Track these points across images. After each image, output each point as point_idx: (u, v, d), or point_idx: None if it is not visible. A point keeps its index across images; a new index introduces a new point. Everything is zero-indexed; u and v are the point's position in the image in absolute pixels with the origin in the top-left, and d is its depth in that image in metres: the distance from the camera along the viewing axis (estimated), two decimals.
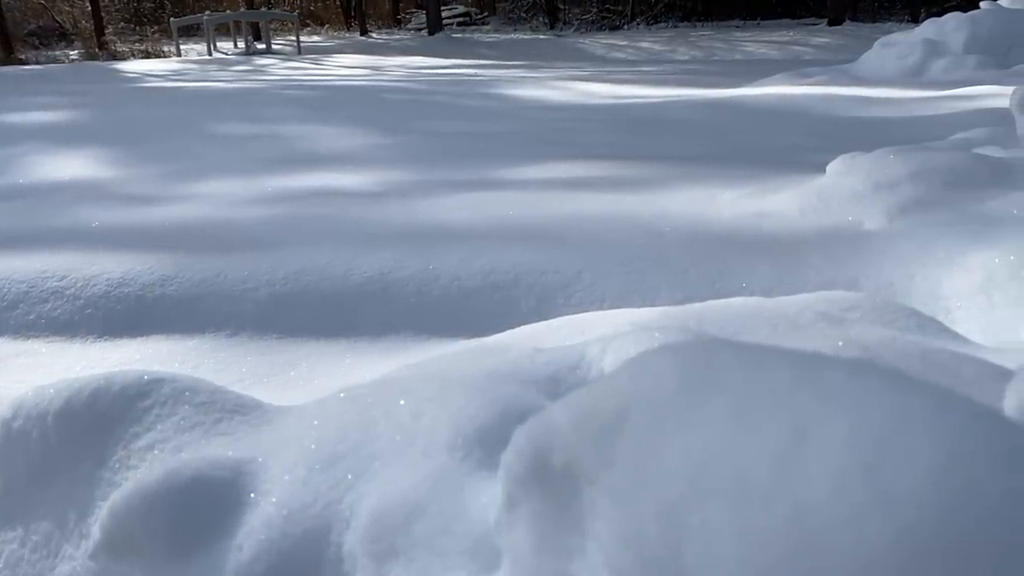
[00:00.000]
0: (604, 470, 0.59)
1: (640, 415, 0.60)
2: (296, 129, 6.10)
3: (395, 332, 2.18)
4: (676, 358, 0.63)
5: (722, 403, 0.56)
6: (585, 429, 0.62)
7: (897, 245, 2.16)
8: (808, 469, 0.49)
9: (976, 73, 7.76)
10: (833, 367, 0.56)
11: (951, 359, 1.07)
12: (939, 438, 0.47)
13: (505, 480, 0.68)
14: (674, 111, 6.52)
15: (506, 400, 1.00)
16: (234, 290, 2.33)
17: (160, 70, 13.62)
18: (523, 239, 2.65)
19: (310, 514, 0.92)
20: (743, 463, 0.51)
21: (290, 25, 18.96)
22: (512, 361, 1.22)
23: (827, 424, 0.51)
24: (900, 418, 0.49)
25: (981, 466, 0.45)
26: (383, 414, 1.09)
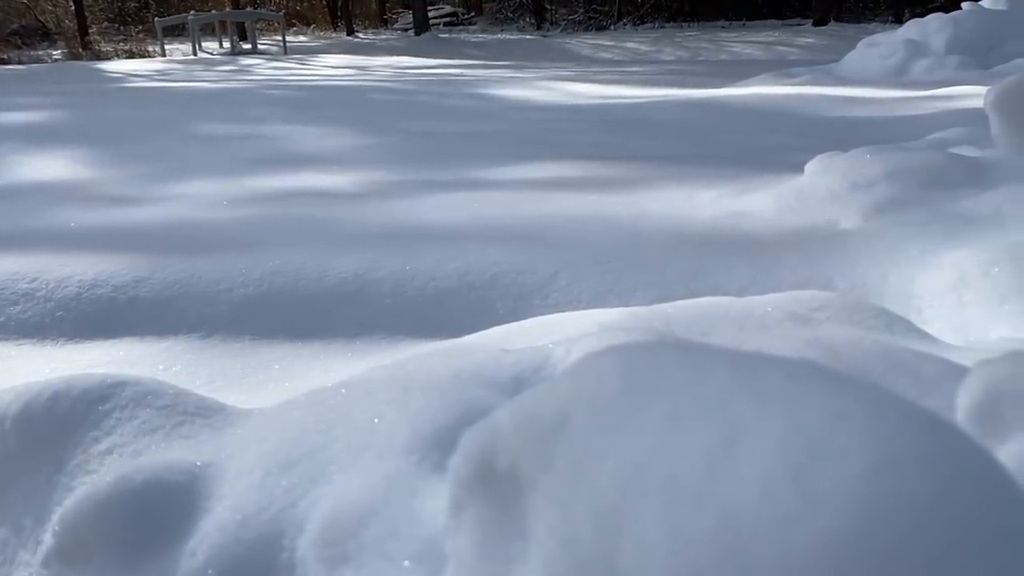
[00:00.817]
0: (543, 474, 0.59)
1: (580, 418, 0.59)
2: (279, 129, 6.07)
3: (370, 333, 2.16)
4: (619, 361, 0.62)
5: (660, 406, 0.56)
6: (527, 432, 0.61)
7: (871, 244, 2.17)
8: (738, 473, 0.48)
9: (957, 73, 7.81)
10: (773, 368, 0.56)
11: (913, 358, 1.07)
12: (872, 441, 0.47)
13: (452, 484, 0.68)
14: (658, 111, 6.53)
15: (467, 402, 0.99)
16: (208, 291, 2.31)
17: (144, 70, 13.52)
18: (501, 239, 2.64)
19: (264, 519, 0.90)
20: (676, 467, 0.50)
21: (276, 25, 18.87)
22: (478, 362, 1.21)
23: (760, 427, 0.50)
24: (834, 421, 0.49)
25: (911, 470, 0.45)
26: (343, 417, 1.07)
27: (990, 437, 0.74)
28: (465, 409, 0.97)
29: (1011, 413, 0.72)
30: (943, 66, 8.19)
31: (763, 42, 15.95)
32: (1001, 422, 0.73)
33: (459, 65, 13.70)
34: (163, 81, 11.10)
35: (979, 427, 0.74)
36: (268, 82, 10.68)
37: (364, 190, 3.72)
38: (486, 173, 4.03)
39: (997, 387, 0.72)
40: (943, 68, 8.14)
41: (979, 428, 0.74)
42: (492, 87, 9.04)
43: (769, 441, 0.49)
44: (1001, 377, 0.72)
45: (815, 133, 4.90)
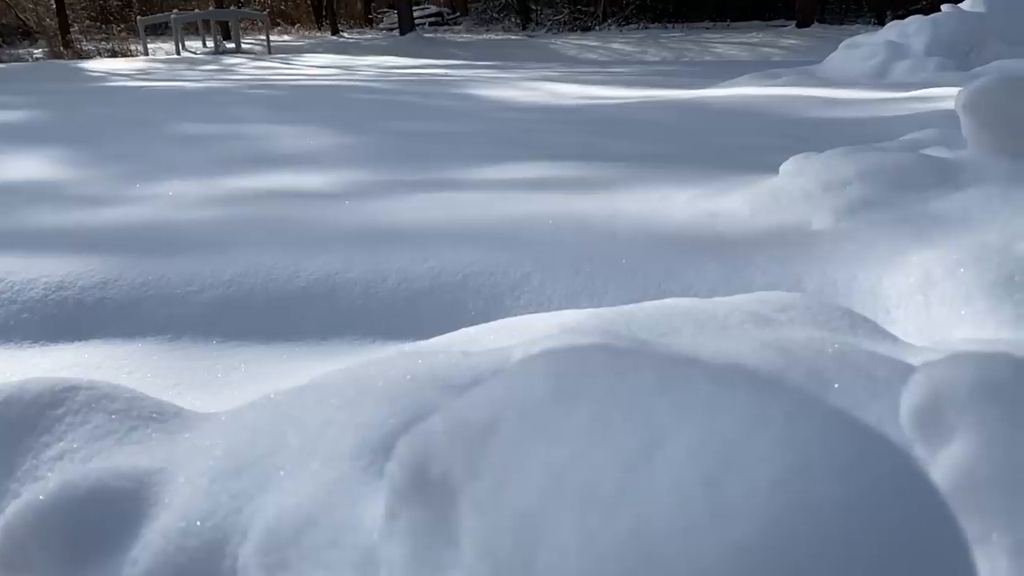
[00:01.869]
0: (470, 481, 0.57)
1: (509, 424, 0.58)
2: (259, 129, 6.02)
3: (340, 335, 2.15)
4: (550, 366, 0.61)
5: (585, 412, 0.55)
6: (457, 439, 0.60)
7: (842, 245, 2.18)
8: (654, 481, 0.47)
9: (937, 75, 7.88)
10: (698, 374, 0.55)
11: (868, 360, 1.07)
12: (786, 449, 0.46)
13: (387, 492, 0.66)
14: (640, 112, 6.54)
15: (418, 406, 0.98)
16: (177, 293, 2.29)
17: (126, 69, 13.40)
18: (475, 240, 2.63)
19: (208, 526, 0.89)
20: (594, 474, 0.49)
21: (260, 24, 18.76)
22: (436, 365, 1.20)
23: (678, 434, 0.49)
24: (751, 427, 0.48)
25: (822, 478, 0.44)
26: (296, 422, 1.06)
27: (932, 439, 0.73)
28: (416, 413, 0.96)
29: (952, 415, 0.71)
30: (923, 68, 8.26)
31: (747, 43, 16.03)
32: (943, 424, 0.72)
33: (443, 65, 13.67)
34: (144, 80, 11.01)
35: (922, 429, 0.74)
36: (250, 82, 10.62)
37: (340, 190, 3.70)
38: (464, 173, 4.02)
39: (939, 389, 0.72)
40: (923, 70, 8.20)
41: (922, 430, 0.74)
42: (475, 87, 9.02)
43: (685, 448, 0.48)
44: (943, 379, 0.72)
45: (794, 134, 4.92)
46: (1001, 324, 1.61)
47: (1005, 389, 0.69)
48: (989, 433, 0.68)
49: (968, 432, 0.70)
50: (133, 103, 8.00)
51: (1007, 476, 0.66)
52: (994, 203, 2.11)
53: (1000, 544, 0.65)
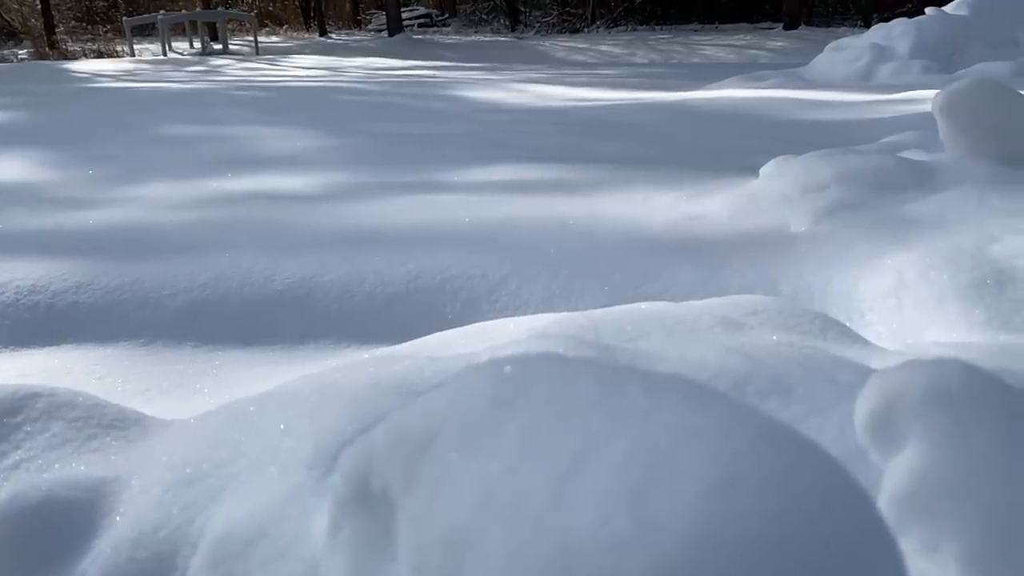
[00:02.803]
0: (407, 495, 0.56)
1: (447, 437, 0.57)
2: (243, 130, 5.99)
3: (315, 340, 2.13)
4: (491, 376, 0.60)
5: (521, 423, 0.54)
6: (396, 451, 0.59)
7: (818, 248, 2.18)
8: (581, 495, 0.46)
9: (921, 77, 7.92)
10: (636, 383, 0.54)
11: (832, 365, 1.06)
12: (715, 461, 0.45)
13: (330, 504, 0.65)
14: (626, 114, 6.54)
15: (377, 414, 0.97)
16: (151, 297, 2.26)
17: (111, 70, 13.31)
18: (453, 243, 2.61)
19: (160, 537, 0.87)
20: (524, 488, 0.48)
21: (248, 25, 18.68)
22: (402, 371, 1.19)
23: (609, 445, 0.48)
24: (683, 439, 0.47)
25: (749, 491, 0.43)
26: (255, 429, 1.05)
27: (885, 446, 0.73)
28: (374, 421, 0.95)
29: (904, 422, 0.71)
30: (907, 70, 8.30)
31: (734, 45, 16.08)
32: (895, 431, 0.72)
33: (432, 67, 13.64)
34: (130, 81, 10.94)
35: (875, 436, 0.73)
36: (237, 83, 10.57)
37: (321, 192, 3.68)
38: (446, 175, 4.01)
39: (891, 396, 0.72)
40: (907, 72, 8.25)
41: (875, 437, 0.73)
42: (462, 89, 9.01)
43: (615, 462, 0.47)
44: (895, 386, 0.72)
45: (778, 136, 4.93)
46: (972, 327, 1.62)
47: (956, 396, 0.69)
48: (939, 440, 0.68)
49: (919, 439, 0.69)
50: (117, 104, 7.94)
51: (957, 483, 0.66)
52: (969, 206, 2.12)
53: (950, 552, 0.65)
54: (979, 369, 0.72)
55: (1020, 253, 1.73)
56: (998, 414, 0.68)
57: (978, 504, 0.65)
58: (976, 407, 0.68)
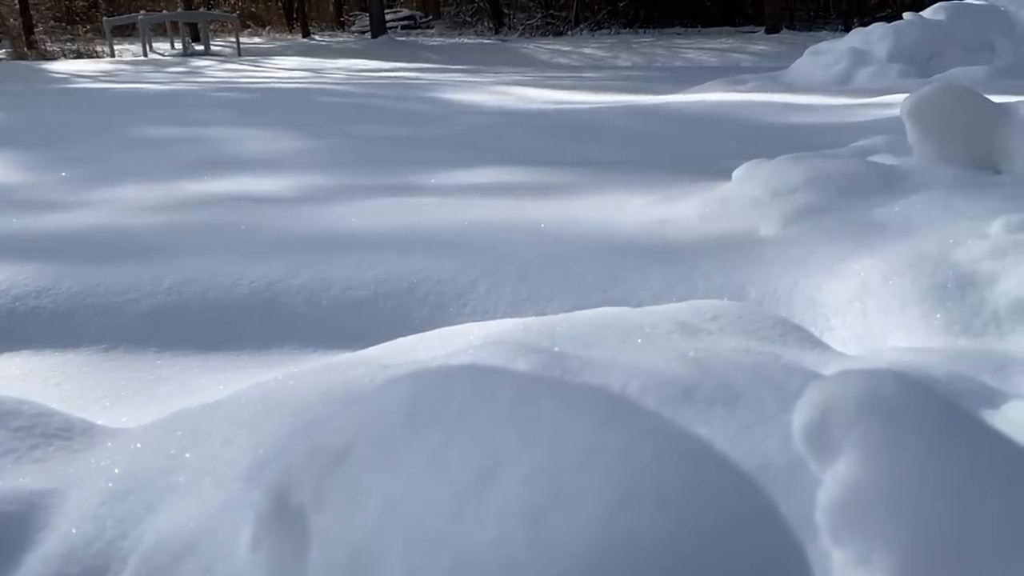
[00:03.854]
0: (318, 511, 0.55)
1: (360, 452, 0.55)
2: (222, 132, 5.94)
3: (280, 345, 2.10)
4: (410, 389, 0.58)
5: (432, 439, 0.52)
6: (311, 467, 0.58)
7: (786, 252, 2.18)
8: (481, 514, 0.45)
9: (898, 81, 7.99)
10: (548, 398, 0.53)
11: (782, 371, 1.06)
12: (618, 479, 0.44)
13: (252, 519, 0.64)
14: (606, 117, 6.55)
15: (319, 424, 0.95)
16: (113, 302, 2.23)
17: (90, 71, 13.18)
18: (424, 246, 2.60)
19: (91, 552, 0.85)
20: (427, 505, 0.47)
21: (230, 26, 18.56)
22: (352, 379, 1.17)
23: (514, 463, 0.47)
24: (588, 456, 0.46)
25: (647, 510, 0.42)
26: (200, 439, 1.03)
27: (822, 457, 0.72)
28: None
29: (839, 433, 0.70)
30: (885, 74, 8.37)
31: (717, 48, 16.16)
32: (830, 442, 0.71)
33: (415, 68, 13.61)
34: (109, 82, 10.83)
35: (812, 447, 0.73)
36: (218, 84, 10.49)
37: (296, 195, 3.65)
38: (423, 178, 3.99)
39: (826, 406, 0.71)
40: (885, 76, 8.32)
41: (812, 448, 0.73)
42: (444, 91, 8.99)
43: (518, 480, 0.46)
44: (830, 396, 0.71)
45: (755, 139, 4.95)
46: (933, 332, 1.62)
47: (890, 406, 0.68)
48: (872, 451, 0.67)
49: (852, 451, 0.68)
50: (95, 105, 7.86)
51: (889, 495, 0.65)
52: (934, 210, 2.13)
53: (881, 565, 0.64)
54: (914, 379, 0.72)
55: (982, 257, 1.74)
56: (931, 425, 0.67)
57: (909, 516, 0.64)
58: (909, 418, 0.67)
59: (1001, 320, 1.58)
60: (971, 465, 0.66)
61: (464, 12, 21.90)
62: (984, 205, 2.08)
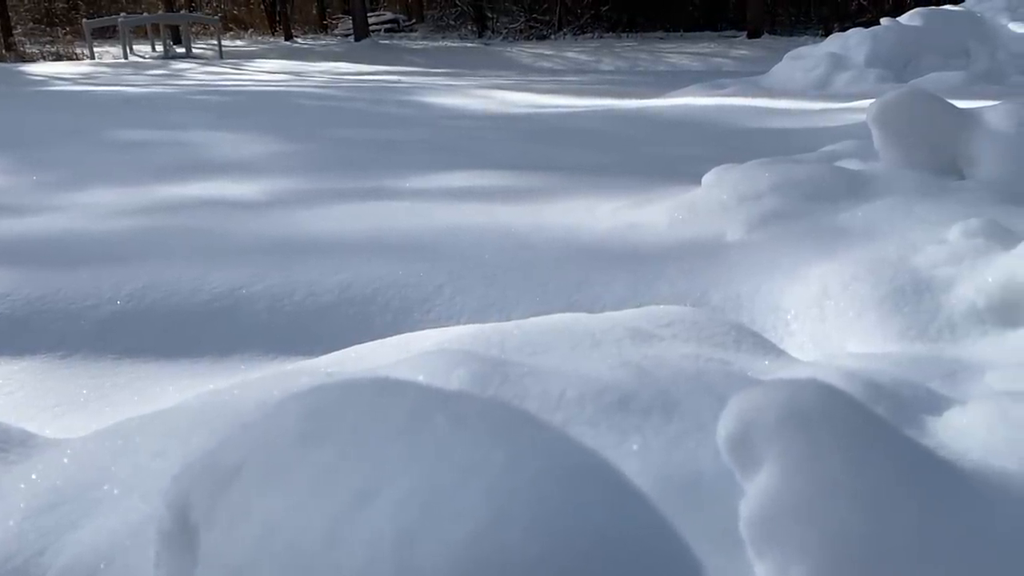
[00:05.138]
0: (207, 530, 0.53)
1: (251, 469, 0.54)
2: (198, 136, 5.90)
3: (241, 351, 2.08)
4: (305, 407, 0.57)
5: (322, 457, 0.51)
6: (205, 484, 0.56)
7: (750, 257, 2.18)
8: (355, 535, 0.44)
9: (876, 86, 8.04)
10: (447, 414, 0.51)
11: (725, 380, 1.05)
12: (493, 499, 0.43)
13: (155, 537, 0.62)
14: (586, 121, 6.56)
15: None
16: (72, 308, 2.20)
17: (69, 73, 13.05)
18: (392, 251, 2.58)
19: (9, 568, 0.83)
20: (304, 527, 0.46)
21: (212, 29, 18.45)
22: (295, 388, 1.15)
23: (396, 482, 0.46)
24: (468, 475, 0.45)
25: (517, 532, 0.41)
26: (133, 451, 1.01)
27: (745, 468, 0.71)
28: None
29: (761, 445, 0.69)
30: (863, 79, 8.44)
31: (699, 53, 16.24)
32: (752, 454, 0.70)
33: (397, 72, 13.57)
34: (87, 85, 10.73)
35: (736, 458, 0.72)
36: (198, 87, 10.43)
37: (267, 199, 3.62)
38: (397, 182, 3.97)
39: (748, 418, 0.70)
40: (863, 81, 8.38)
41: (736, 459, 0.72)
42: (426, 95, 8.96)
43: (396, 500, 0.45)
44: (752, 408, 0.70)
45: (731, 144, 4.97)
46: (888, 337, 1.62)
47: (810, 418, 0.67)
48: (792, 463, 0.66)
49: (773, 462, 0.68)
50: (73, 108, 7.78)
51: (806, 507, 0.65)
52: (896, 215, 2.14)
53: None
54: (836, 390, 0.71)
55: (939, 263, 1.74)
56: (850, 436, 0.67)
57: (825, 527, 0.63)
58: (828, 429, 0.67)
59: (956, 325, 1.59)
60: (888, 476, 0.65)
61: (447, 15, 21.88)
62: (945, 210, 2.09)
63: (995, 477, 0.79)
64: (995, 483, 0.76)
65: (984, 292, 1.60)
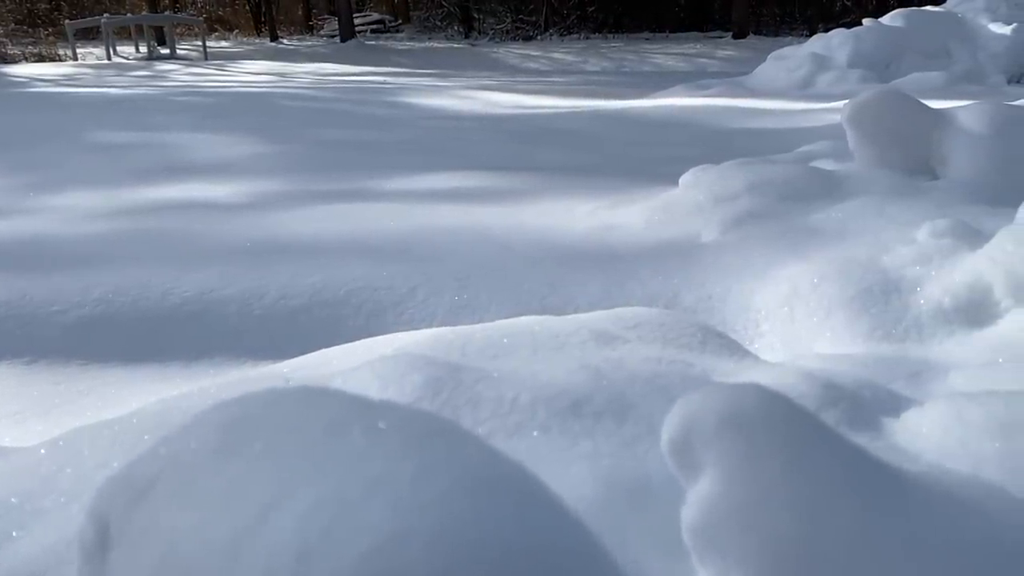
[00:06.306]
0: (118, 546, 0.52)
1: (165, 483, 0.52)
2: (179, 138, 5.85)
3: (210, 356, 2.06)
4: (230, 415, 0.56)
5: (233, 470, 0.50)
6: (120, 497, 0.55)
7: (723, 258, 2.18)
8: (254, 552, 0.42)
9: (858, 86, 8.08)
10: (362, 425, 0.50)
11: (682, 382, 1.04)
12: (397, 514, 0.42)
13: (77, 554, 0.60)
14: (569, 122, 6.55)
15: None
16: (39, 313, 2.17)
17: (51, 75, 12.93)
18: (365, 253, 2.56)
19: None
20: (206, 543, 0.44)
21: (197, 30, 18.34)
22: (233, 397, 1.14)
23: (301, 496, 0.44)
24: (373, 488, 0.44)
25: (415, 549, 0.40)
26: (78, 460, 0.99)
27: (687, 474, 0.71)
28: None
29: (700, 449, 0.68)
30: (846, 79, 8.48)
31: (685, 54, 16.29)
32: (693, 459, 0.69)
33: (383, 73, 13.53)
34: (69, 86, 10.64)
35: (678, 464, 0.71)
36: (181, 88, 10.36)
37: (245, 201, 3.60)
38: (377, 183, 3.95)
39: (689, 423, 0.69)
40: (845, 81, 8.43)
41: (678, 465, 0.71)
42: (411, 95, 8.94)
43: (299, 514, 0.43)
44: (694, 412, 0.69)
45: (713, 144, 4.98)
46: (856, 338, 1.62)
47: (750, 422, 0.67)
48: (731, 468, 0.66)
49: (713, 467, 0.67)
50: (53, 109, 7.71)
51: (745, 513, 0.64)
52: (868, 215, 2.14)
53: None
54: (776, 394, 0.70)
55: (908, 263, 1.74)
56: (789, 441, 0.66)
57: (763, 534, 0.62)
58: (767, 434, 0.66)
59: (923, 326, 1.59)
60: (826, 480, 0.64)
61: (434, 16, 21.84)
62: (915, 211, 2.09)
63: (946, 480, 0.78)
64: (945, 486, 0.75)
65: (951, 292, 1.61)
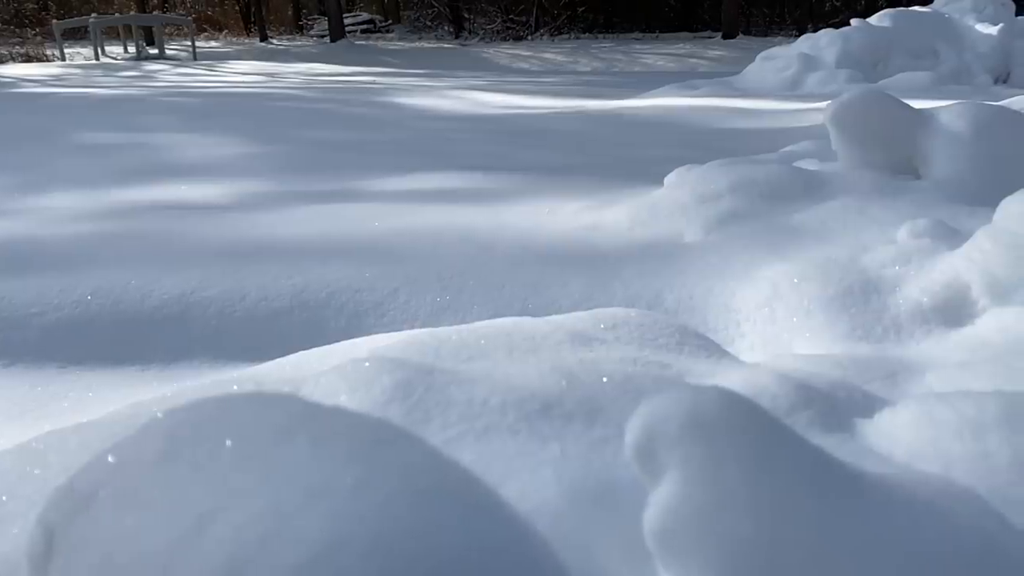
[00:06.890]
0: (58, 556, 0.51)
1: (106, 493, 0.51)
2: (167, 138, 5.82)
3: (190, 358, 2.04)
4: (178, 422, 0.55)
5: (176, 478, 0.49)
6: (63, 507, 0.54)
7: (705, 258, 2.18)
8: (188, 564, 0.41)
9: (846, 86, 8.12)
10: (309, 433, 0.49)
11: (653, 384, 1.04)
12: (334, 524, 0.41)
13: (26, 564, 0.59)
14: (558, 122, 6.55)
15: None
16: (16, 315, 2.15)
17: (38, 75, 12.86)
18: (349, 254, 2.55)
19: None
20: (140, 554, 0.43)
21: (186, 30, 18.26)
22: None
23: (238, 506, 0.43)
24: (312, 498, 0.43)
25: (353, 562, 0.39)
26: (43, 467, 0.97)
27: (651, 478, 0.70)
28: None
29: (664, 454, 0.68)
30: (834, 79, 8.52)
31: (675, 54, 16.33)
32: (656, 463, 0.69)
33: (373, 73, 13.51)
34: (56, 87, 10.58)
35: (642, 467, 0.70)
36: (169, 89, 10.31)
37: (229, 203, 3.57)
38: (363, 184, 3.94)
39: (652, 426, 0.69)
40: (833, 81, 8.46)
41: (642, 468, 0.70)
42: (400, 96, 8.92)
43: (235, 524, 0.42)
44: (657, 415, 0.69)
45: (700, 144, 4.99)
46: (835, 338, 1.62)
47: (711, 426, 0.66)
48: (692, 473, 0.65)
49: (674, 471, 0.66)
50: (39, 110, 7.66)
51: (706, 517, 0.63)
52: (849, 215, 2.14)
53: None
54: (739, 396, 0.70)
55: (888, 263, 1.74)
56: (751, 445, 0.65)
57: (723, 538, 0.62)
58: (729, 438, 0.65)
59: (901, 326, 1.59)
60: (787, 484, 0.64)
61: (424, 16, 21.81)
62: (896, 210, 2.10)
63: (911, 481, 0.78)
64: (909, 488, 0.74)
65: (929, 292, 1.61)
